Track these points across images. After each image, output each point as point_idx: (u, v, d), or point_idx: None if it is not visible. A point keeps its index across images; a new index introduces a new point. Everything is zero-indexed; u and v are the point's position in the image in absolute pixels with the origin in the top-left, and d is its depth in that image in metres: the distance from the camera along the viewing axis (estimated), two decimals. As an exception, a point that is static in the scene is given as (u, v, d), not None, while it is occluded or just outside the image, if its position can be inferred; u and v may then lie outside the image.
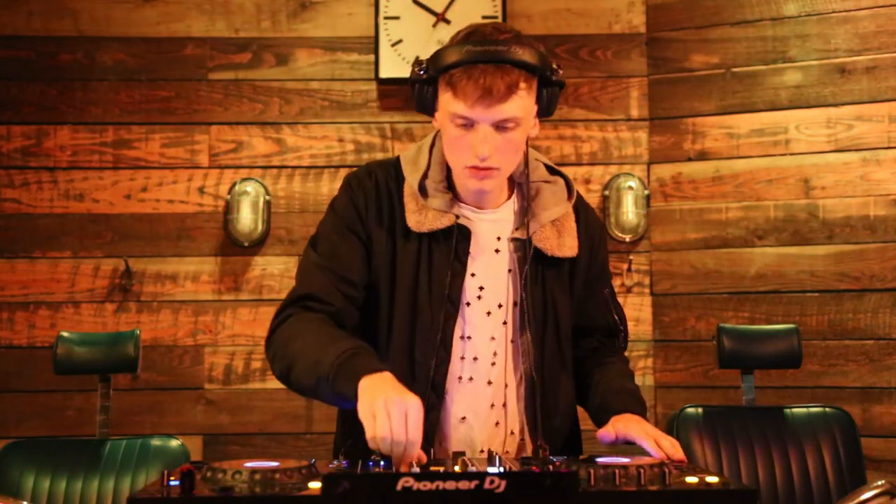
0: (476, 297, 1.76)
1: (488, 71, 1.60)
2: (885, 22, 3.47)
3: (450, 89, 1.63)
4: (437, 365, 1.72)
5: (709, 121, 3.62)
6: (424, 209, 1.75)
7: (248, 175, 3.66)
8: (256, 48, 3.72)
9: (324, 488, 1.16)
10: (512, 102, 1.62)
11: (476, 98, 1.61)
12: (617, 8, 3.74)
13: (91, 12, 3.70)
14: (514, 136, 1.67)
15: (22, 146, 3.65)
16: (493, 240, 1.78)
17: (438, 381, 1.72)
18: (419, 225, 1.74)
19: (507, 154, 1.69)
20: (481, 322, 1.76)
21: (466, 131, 1.65)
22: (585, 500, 1.25)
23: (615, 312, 1.92)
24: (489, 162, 1.66)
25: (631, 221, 3.61)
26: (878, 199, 3.43)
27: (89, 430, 2.88)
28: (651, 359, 3.62)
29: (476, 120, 1.63)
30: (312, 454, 3.51)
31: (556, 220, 1.80)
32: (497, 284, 1.77)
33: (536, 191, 1.81)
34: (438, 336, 1.71)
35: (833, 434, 2.77)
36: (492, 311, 1.77)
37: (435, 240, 1.75)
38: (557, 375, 1.81)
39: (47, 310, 3.60)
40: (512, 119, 1.64)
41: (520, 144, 1.71)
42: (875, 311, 3.41)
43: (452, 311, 1.73)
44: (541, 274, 1.78)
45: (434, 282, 1.73)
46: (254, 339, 3.62)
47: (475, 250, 1.77)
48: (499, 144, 1.66)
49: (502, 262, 1.78)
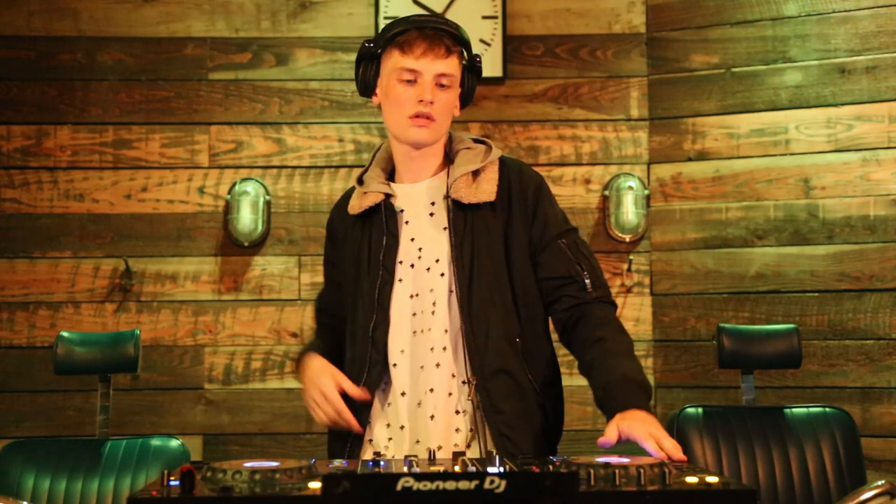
0: (417, 258, 1.97)
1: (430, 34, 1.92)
2: (885, 22, 3.47)
3: (397, 49, 1.93)
4: (375, 326, 1.93)
5: (709, 121, 3.63)
6: (362, 195, 2.02)
7: (248, 175, 3.66)
8: (256, 48, 3.72)
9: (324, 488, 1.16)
10: (451, 60, 1.94)
11: (422, 51, 1.91)
12: (617, 8, 3.74)
13: (91, 12, 3.70)
14: (449, 96, 1.95)
15: (22, 146, 3.65)
16: (426, 205, 2.00)
17: (377, 339, 1.93)
18: (353, 209, 2.02)
19: (443, 111, 1.95)
20: (423, 279, 1.95)
21: (410, 86, 1.93)
22: (585, 500, 1.25)
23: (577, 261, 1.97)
24: (430, 109, 1.93)
25: (631, 221, 3.61)
26: (878, 199, 3.43)
27: (89, 430, 2.89)
28: (651, 359, 3.62)
29: (421, 71, 1.92)
30: (312, 454, 3.51)
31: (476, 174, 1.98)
32: (433, 243, 1.97)
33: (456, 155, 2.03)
34: (376, 301, 1.93)
35: (833, 434, 2.77)
36: (431, 267, 1.96)
37: (370, 219, 2.00)
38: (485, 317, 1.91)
39: (47, 310, 3.60)
40: (450, 75, 1.94)
41: (451, 106, 1.98)
42: (875, 311, 3.41)
43: (388, 277, 1.95)
44: (469, 224, 1.95)
45: (372, 254, 1.98)
46: (254, 339, 3.62)
47: (411, 217, 1.99)
48: (438, 97, 1.93)
49: (437, 222, 1.98)
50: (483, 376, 1.88)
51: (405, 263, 1.96)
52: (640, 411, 1.74)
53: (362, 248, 2.00)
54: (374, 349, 1.93)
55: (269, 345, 3.62)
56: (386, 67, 1.97)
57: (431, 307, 1.94)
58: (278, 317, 3.64)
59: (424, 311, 1.94)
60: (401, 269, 1.96)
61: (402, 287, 1.96)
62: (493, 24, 3.70)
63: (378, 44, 1.97)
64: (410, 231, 1.99)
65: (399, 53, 1.93)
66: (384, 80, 1.97)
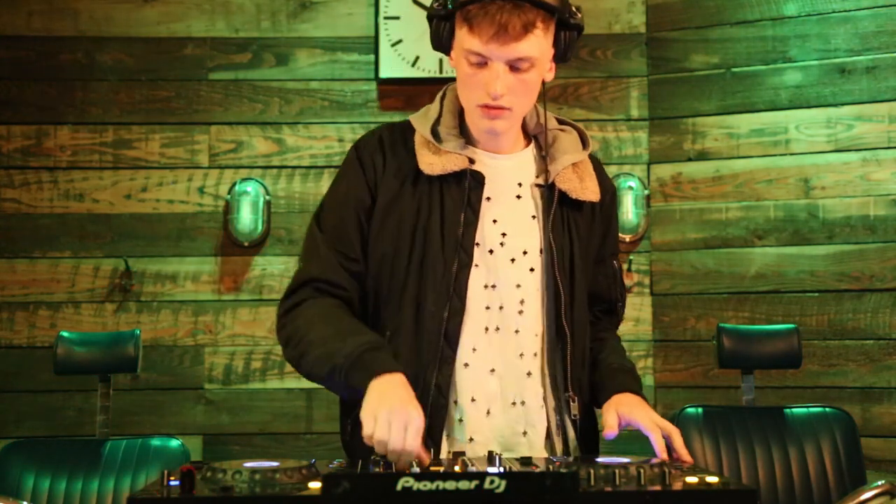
0: (499, 245, 1.72)
1: (505, 8, 1.58)
2: (885, 22, 3.47)
3: (465, 25, 1.62)
4: (449, 316, 1.67)
5: (709, 121, 3.62)
6: (438, 152, 1.71)
7: (248, 175, 3.66)
8: (256, 48, 3.72)
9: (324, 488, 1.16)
10: (527, 42, 1.60)
11: (491, 35, 1.59)
12: (617, 8, 3.74)
13: (91, 12, 3.70)
14: (529, 77, 1.64)
15: (22, 146, 3.65)
16: (513, 185, 1.75)
17: (451, 331, 1.67)
18: (431, 167, 1.70)
19: (520, 95, 1.66)
20: (505, 269, 1.71)
21: (480, 69, 1.63)
22: (585, 500, 1.25)
23: (620, 288, 1.90)
24: (501, 101, 1.64)
25: (631, 221, 3.61)
26: (878, 199, 3.43)
27: (89, 430, 2.88)
28: (651, 359, 3.62)
29: (490, 57, 1.61)
30: (312, 454, 3.51)
31: (576, 165, 1.78)
32: (521, 231, 1.73)
33: (553, 138, 1.79)
34: (452, 286, 1.67)
35: (833, 434, 2.77)
36: (516, 258, 1.72)
37: (447, 184, 1.71)
38: (584, 325, 1.78)
39: (47, 310, 3.60)
40: (526, 59, 1.62)
41: (534, 86, 1.68)
42: (875, 311, 3.41)
43: (466, 260, 1.68)
44: (566, 219, 1.76)
45: (446, 228, 1.69)
46: (254, 339, 3.62)
47: (494, 195, 1.73)
48: (512, 84, 1.64)
49: (525, 208, 1.75)
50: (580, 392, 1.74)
51: (482, 247, 1.71)
52: (635, 395, 1.74)
53: (433, 216, 1.70)
54: (447, 344, 1.68)
55: (269, 345, 3.62)
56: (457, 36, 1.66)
57: (518, 305, 1.71)
58: (278, 317, 3.63)
59: (505, 307, 1.71)
60: (477, 252, 1.70)
61: (477, 274, 1.70)
62: (493, 24, 3.70)
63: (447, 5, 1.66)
64: (492, 211, 1.73)
65: (467, 30, 1.62)
66: (455, 49, 1.68)
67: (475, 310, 1.70)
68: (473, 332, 1.70)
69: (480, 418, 1.70)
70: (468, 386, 1.70)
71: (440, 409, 1.67)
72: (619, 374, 1.79)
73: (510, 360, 1.71)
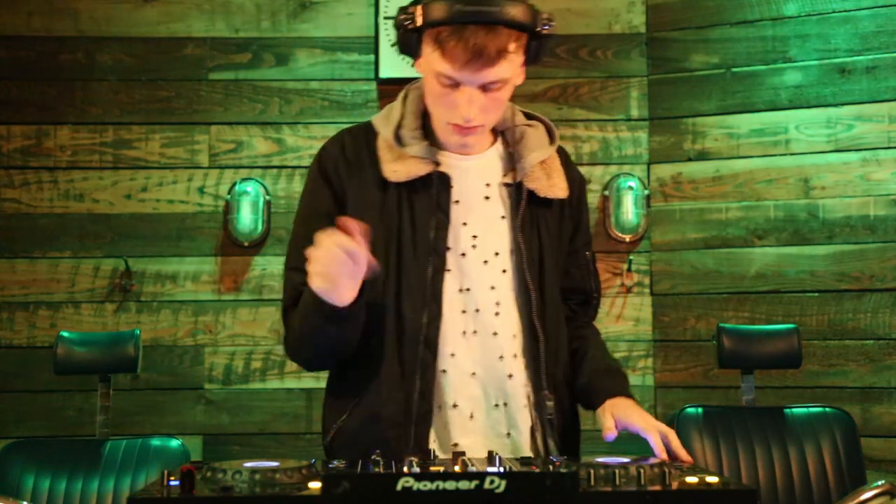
0: (471, 247, 1.71)
1: (479, 33, 1.54)
2: (885, 22, 3.47)
3: (438, 48, 1.58)
4: (428, 321, 1.66)
5: (709, 121, 3.62)
6: (402, 158, 1.70)
7: (248, 175, 3.66)
8: (256, 48, 3.72)
9: (324, 488, 1.16)
10: (500, 66, 1.58)
11: (465, 61, 1.56)
12: (617, 8, 3.74)
13: (91, 12, 3.70)
14: (500, 95, 1.64)
15: (22, 146, 3.65)
16: (481, 186, 1.74)
17: (431, 336, 1.66)
18: (396, 174, 1.69)
19: (491, 112, 1.66)
20: (479, 272, 1.71)
21: (451, 90, 1.61)
22: (585, 500, 1.25)
23: (594, 280, 1.88)
24: (474, 122, 1.63)
25: (631, 221, 3.61)
26: (878, 199, 3.43)
27: (89, 430, 2.88)
28: (651, 359, 3.62)
29: (463, 82, 1.59)
30: (312, 454, 3.50)
31: (544, 161, 1.77)
32: (491, 232, 1.72)
33: (521, 134, 1.77)
34: (428, 290, 1.66)
35: (833, 434, 2.77)
36: (489, 260, 1.71)
37: (414, 190, 1.70)
38: (558, 323, 1.77)
39: (47, 310, 3.60)
40: (499, 81, 1.60)
41: (505, 101, 1.68)
42: (875, 311, 3.41)
43: (440, 264, 1.68)
44: (535, 218, 1.75)
45: (418, 234, 1.68)
46: (254, 339, 3.62)
47: (463, 198, 1.72)
48: (484, 104, 1.62)
49: (494, 208, 1.74)
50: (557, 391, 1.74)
51: (455, 251, 1.70)
52: (628, 399, 1.74)
53: (403, 222, 1.69)
54: (428, 349, 1.66)
55: (269, 345, 3.62)
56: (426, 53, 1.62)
57: (494, 307, 1.71)
58: (278, 317, 3.61)
59: (481, 309, 1.70)
60: (450, 256, 1.70)
61: (450, 278, 1.69)
62: (493, 24, 3.70)
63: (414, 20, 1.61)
64: (462, 213, 1.71)
65: (440, 55, 1.58)
66: (424, 64, 1.64)
67: (451, 314, 1.69)
68: (451, 336, 1.69)
69: (464, 422, 1.70)
70: (449, 391, 1.70)
71: (425, 414, 1.67)
72: (607, 378, 1.78)
73: (490, 363, 1.71)
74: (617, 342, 3.59)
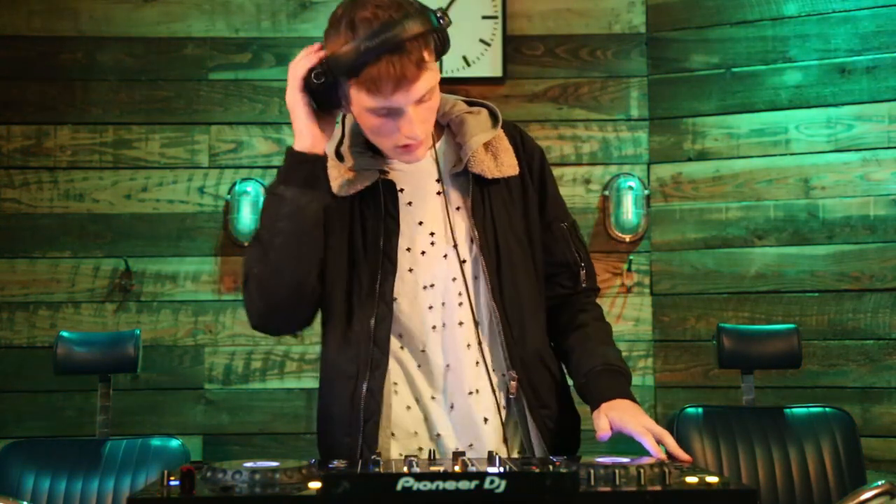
0: (429, 244, 1.76)
1: (393, 60, 1.56)
2: (885, 22, 3.47)
3: (363, 89, 1.59)
4: (377, 322, 1.71)
5: (709, 121, 3.62)
6: (347, 173, 1.74)
7: (248, 175, 3.66)
8: (256, 48, 3.72)
9: (324, 488, 1.16)
10: (424, 78, 1.60)
11: (392, 89, 1.57)
12: (617, 8, 3.74)
13: (91, 12, 3.70)
14: (432, 101, 1.66)
15: (22, 146, 3.65)
16: (431, 182, 1.77)
17: (381, 337, 1.71)
18: (343, 189, 1.73)
19: (429, 121, 1.68)
20: (440, 267, 1.75)
21: (388, 118, 1.63)
22: (585, 500, 1.25)
23: (575, 249, 1.88)
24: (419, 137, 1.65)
25: (631, 221, 3.61)
26: (878, 199, 3.43)
27: (89, 430, 2.88)
28: (651, 359, 3.62)
29: (398, 106, 1.60)
30: (312, 454, 3.50)
31: (489, 143, 1.79)
32: (447, 225, 1.75)
33: (460, 122, 1.80)
34: (376, 294, 1.71)
35: (833, 434, 2.77)
36: (448, 254, 1.75)
37: (364, 200, 1.74)
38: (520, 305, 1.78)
39: (47, 310, 3.60)
40: (428, 91, 1.62)
41: (437, 104, 1.70)
42: (875, 311, 3.41)
43: (390, 267, 1.72)
44: (488, 202, 1.77)
45: (369, 241, 1.73)
46: (254, 339, 3.62)
47: (415, 198, 1.76)
48: (423, 116, 1.64)
49: (449, 200, 1.77)
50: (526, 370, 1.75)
51: (414, 251, 1.75)
52: (625, 400, 1.73)
53: (355, 232, 1.74)
54: (377, 347, 1.72)
55: (269, 345, 3.62)
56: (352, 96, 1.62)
57: (458, 298, 1.74)
58: (278, 317, 3.63)
59: (447, 303, 1.75)
60: (408, 257, 1.75)
61: (412, 277, 1.75)
62: (493, 24, 3.70)
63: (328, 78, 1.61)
64: (416, 214, 1.76)
65: (365, 92, 1.59)
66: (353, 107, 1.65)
67: (419, 312, 1.74)
68: (421, 332, 1.74)
69: (444, 414, 1.75)
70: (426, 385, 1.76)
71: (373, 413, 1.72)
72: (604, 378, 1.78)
73: (460, 352, 1.75)
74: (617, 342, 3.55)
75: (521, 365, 1.75)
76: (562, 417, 1.81)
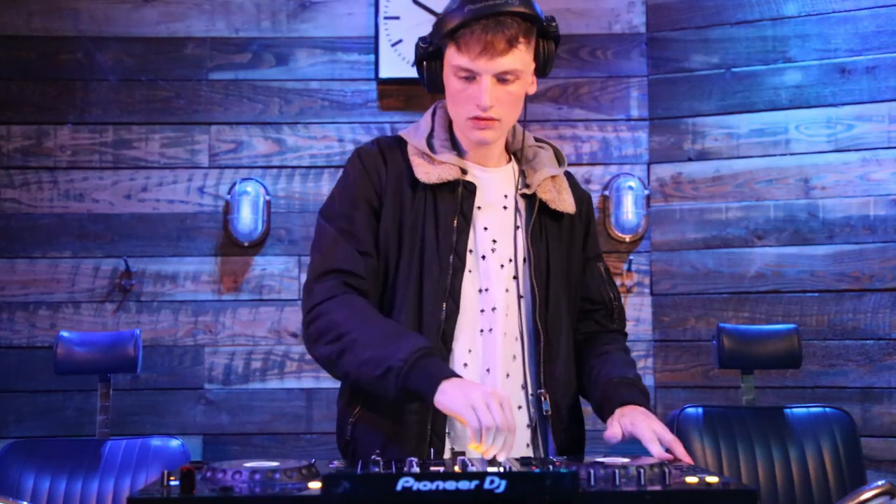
0: (490, 251, 1.84)
1: (489, 26, 1.72)
2: (885, 22, 3.47)
3: (454, 44, 1.75)
4: (446, 316, 1.77)
5: (709, 121, 3.62)
6: (433, 162, 1.83)
7: (248, 175, 3.66)
8: (256, 48, 3.72)
9: (324, 488, 1.16)
10: (512, 55, 1.74)
11: (479, 51, 1.72)
12: (617, 8, 3.74)
13: (91, 12, 3.70)
14: (514, 88, 1.79)
15: (22, 146, 3.65)
16: (500, 196, 1.88)
17: (448, 331, 1.77)
18: (427, 176, 1.81)
19: (507, 107, 1.80)
20: (497, 274, 1.83)
21: (469, 84, 1.76)
22: (585, 500, 1.25)
23: (610, 288, 2.00)
24: (491, 112, 1.77)
25: (631, 221, 3.61)
26: (878, 199, 3.43)
27: (89, 430, 2.88)
28: (651, 359, 3.62)
29: (478, 72, 1.74)
30: (312, 454, 3.51)
31: (554, 178, 1.92)
32: (507, 239, 1.85)
33: (533, 153, 1.94)
34: (447, 288, 1.77)
35: (833, 434, 2.77)
36: (504, 265, 1.84)
37: (440, 193, 1.82)
38: (559, 328, 1.86)
39: (47, 310, 3.60)
40: (512, 72, 1.76)
41: (519, 98, 1.82)
42: (875, 311, 3.41)
43: (459, 265, 1.79)
44: (544, 229, 1.88)
45: (441, 234, 1.80)
46: (254, 339, 3.62)
47: (484, 205, 1.86)
48: (500, 96, 1.77)
49: (511, 217, 1.86)
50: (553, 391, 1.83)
51: (476, 253, 1.83)
52: (640, 407, 1.76)
53: (427, 222, 1.82)
54: (444, 344, 1.78)
55: (269, 345, 3.62)
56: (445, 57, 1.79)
57: (505, 309, 1.83)
58: (278, 317, 3.63)
59: (496, 309, 1.82)
60: (470, 258, 1.83)
61: (471, 279, 1.82)
62: (493, 24, 3.70)
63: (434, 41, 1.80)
64: (483, 219, 1.85)
65: (455, 49, 1.75)
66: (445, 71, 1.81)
67: (470, 312, 1.81)
68: (469, 333, 1.81)
69: None
70: None
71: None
72: (621, 387, 1.83)
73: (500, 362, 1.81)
74: (617, 342, 3.58)
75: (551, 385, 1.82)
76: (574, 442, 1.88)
